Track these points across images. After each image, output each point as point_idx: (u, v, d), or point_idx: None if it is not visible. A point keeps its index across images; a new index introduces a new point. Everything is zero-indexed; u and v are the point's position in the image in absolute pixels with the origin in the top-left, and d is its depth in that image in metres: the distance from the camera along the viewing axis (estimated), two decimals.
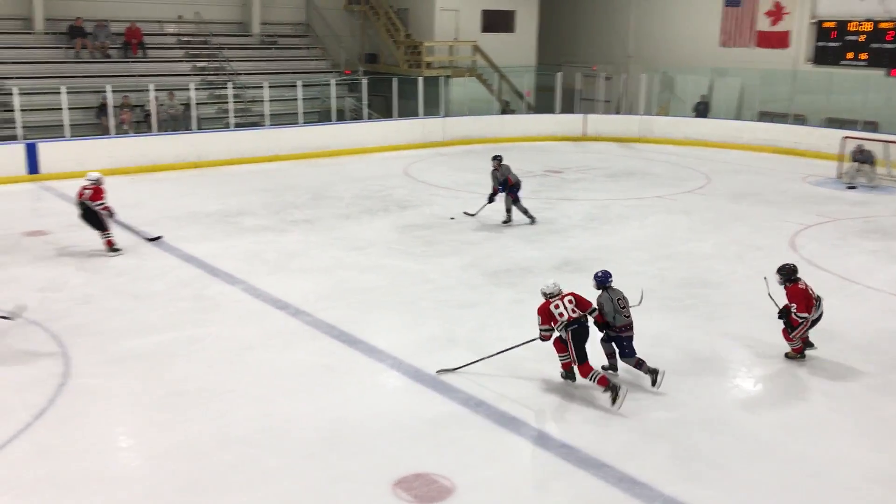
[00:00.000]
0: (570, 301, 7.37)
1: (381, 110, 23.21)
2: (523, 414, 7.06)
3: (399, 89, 22.21)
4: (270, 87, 20.36)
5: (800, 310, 7.91)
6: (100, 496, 5.83)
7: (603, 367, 7.67)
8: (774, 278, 8.17)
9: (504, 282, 10.62)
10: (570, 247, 12.46)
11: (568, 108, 24.44)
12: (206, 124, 20.21)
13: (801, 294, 7.94)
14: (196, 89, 19.75)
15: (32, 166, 16.98)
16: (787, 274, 8.05)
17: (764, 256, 11.72)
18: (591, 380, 7.24)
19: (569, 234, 13.31)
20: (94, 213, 11.62)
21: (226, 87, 20.30)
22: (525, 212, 13.60)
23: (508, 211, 13.64)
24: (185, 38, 22.48)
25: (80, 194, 11.63)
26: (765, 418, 7.18)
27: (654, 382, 7.46)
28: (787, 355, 8.26)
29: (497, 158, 13.56)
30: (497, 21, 25.76)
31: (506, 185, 13.44)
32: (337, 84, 21.85)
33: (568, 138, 23.67)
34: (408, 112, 22.60)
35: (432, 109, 22.83)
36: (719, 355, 8.48)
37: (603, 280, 7.62)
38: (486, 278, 10.86)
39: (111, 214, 11.75)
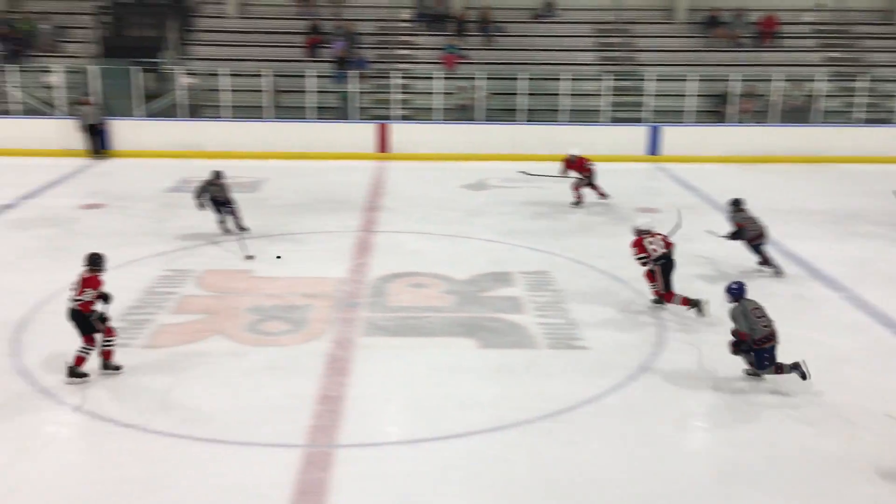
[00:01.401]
0: (660, 239, 8.76)
1: None
2: None
3: None
4: None
5: None
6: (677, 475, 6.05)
7: (747, 373, 7.25)
8: None
9: None
10: None
11: None
12: (828, 118, 19.09)
13: None
14: (824, 81, 18.75)
15: (652, 147, 18.29)
16: None
17: None
18: (675, 303, 8.70)
19: None
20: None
21: (856, 80, 18.82)
22: (765, 261, 10.24)
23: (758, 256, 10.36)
24: (821, 27, 21.44)
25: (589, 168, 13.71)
26: None
27: (803, 376, 7.04)
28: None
29: (735, 203, 10.31)
30: None
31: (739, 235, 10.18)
32: None
33: None
34: None
35: None
36: None
37: (738, 292, 7.19)
38: None
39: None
